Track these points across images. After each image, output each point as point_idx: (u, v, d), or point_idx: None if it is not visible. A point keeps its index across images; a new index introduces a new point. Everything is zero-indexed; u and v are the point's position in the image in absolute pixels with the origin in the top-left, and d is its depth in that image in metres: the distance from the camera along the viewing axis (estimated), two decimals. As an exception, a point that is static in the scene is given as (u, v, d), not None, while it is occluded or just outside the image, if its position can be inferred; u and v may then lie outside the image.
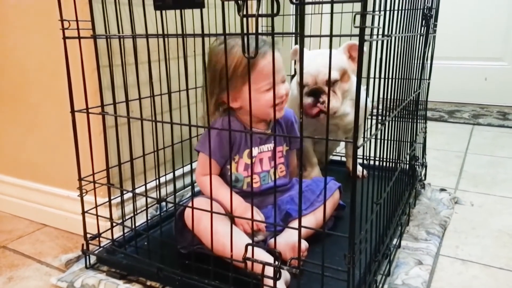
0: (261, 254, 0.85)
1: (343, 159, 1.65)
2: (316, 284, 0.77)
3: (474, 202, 1.38)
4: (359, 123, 0.64)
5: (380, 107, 0.83)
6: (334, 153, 1.65)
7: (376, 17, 0.71)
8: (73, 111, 0.96)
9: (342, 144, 1.65)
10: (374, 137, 0.75)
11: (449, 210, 1.29)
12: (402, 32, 0.90)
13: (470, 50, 2.97)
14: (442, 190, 1.44)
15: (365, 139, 0.70)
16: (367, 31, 0.61)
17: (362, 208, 0.74)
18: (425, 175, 1.50)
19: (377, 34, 0.75)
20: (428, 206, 1.32)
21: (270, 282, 0.78)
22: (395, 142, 0.96)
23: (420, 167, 1.44)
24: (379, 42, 0.76)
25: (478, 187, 1.50)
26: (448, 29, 2.81)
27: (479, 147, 2.00)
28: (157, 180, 0.89)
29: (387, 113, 0.87)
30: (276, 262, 0.77)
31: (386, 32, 0.76)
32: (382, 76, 0.79)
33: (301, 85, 0.69)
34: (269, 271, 0.78)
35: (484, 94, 2.94)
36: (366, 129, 1.12)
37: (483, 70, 2.94)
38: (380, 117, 0.81)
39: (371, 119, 0.81)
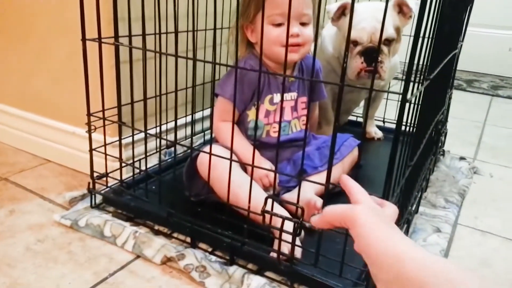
0: (278, 208, 0.81)
1: (359, 119, 1.59)
2: (333, 243, 0.73)
3: (494, 174, 1.33)
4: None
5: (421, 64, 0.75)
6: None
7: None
8: (84, 39, 0.88)
9: (361, 103, 1.57)
10: (418, 93, 0.69)
11: (468, 180, 1.24)
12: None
13: (495, 17, 2.80)
14: (462, 158, 1.39)
15: (413, 93, 0.63)
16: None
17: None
18: (443, 142, 1.44)
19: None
20: (446, 173, 1.27)
21: (287, 237, 0.74)
22: (429, 104, 0.89)
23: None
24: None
25: (498, 159, 1.45)
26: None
27: (498, 119, 1.93)
28: (175, 122, 0.83)
29: (427, 71, 0.80)
30: (298, 218, 0.72)
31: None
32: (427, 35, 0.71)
33: (348, 40, 0.61)
34: (288, 226, 0.74)
35: (506, 66, 2.81)
36: (389, 87, 1.04)
37: (508, 40, 2.80)
38: (422, 75, 0.74)
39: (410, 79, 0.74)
